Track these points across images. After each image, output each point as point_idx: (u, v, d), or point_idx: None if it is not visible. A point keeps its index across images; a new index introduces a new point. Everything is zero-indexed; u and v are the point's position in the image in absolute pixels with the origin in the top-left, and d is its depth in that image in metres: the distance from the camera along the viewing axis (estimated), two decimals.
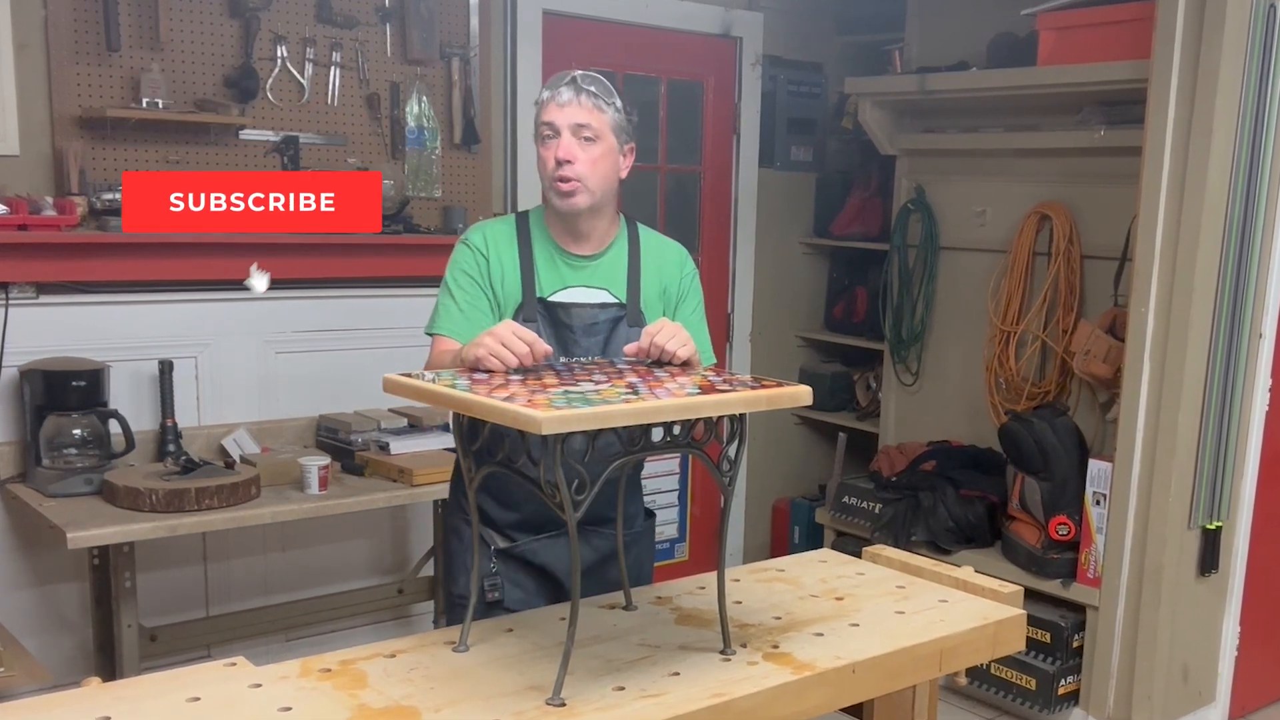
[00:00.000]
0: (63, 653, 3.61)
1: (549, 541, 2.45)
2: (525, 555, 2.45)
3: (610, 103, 2.36)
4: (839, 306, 5.45)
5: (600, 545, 2.44)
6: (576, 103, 2.32)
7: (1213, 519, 3.81)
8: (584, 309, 2.40)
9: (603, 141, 2.35)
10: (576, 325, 2.39)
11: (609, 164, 2.38)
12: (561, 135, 2.32)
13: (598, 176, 2.35)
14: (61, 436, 3.41)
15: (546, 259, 2.43)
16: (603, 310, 2.42)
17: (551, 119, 2.33)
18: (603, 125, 2.34)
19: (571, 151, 2.32)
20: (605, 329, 2.41)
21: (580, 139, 2.33)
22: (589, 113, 2.32)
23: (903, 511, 4.35)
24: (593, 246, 2.45)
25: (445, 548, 2.63)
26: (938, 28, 4.78)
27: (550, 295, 2.41)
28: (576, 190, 2.34)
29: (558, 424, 1.62)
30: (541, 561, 2.45)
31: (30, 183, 3.43)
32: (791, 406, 1.89)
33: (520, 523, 2.45)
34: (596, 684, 1.78)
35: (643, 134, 4.85)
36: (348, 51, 3.93)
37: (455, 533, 2.54)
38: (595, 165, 2.34)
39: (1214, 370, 3.68)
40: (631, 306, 2.44)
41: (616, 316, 2.43)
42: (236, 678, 1.78)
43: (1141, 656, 3.77)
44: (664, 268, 2.51)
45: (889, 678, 2.00)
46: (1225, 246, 3.61)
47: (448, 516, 2.61)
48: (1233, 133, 3.55)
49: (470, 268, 2.41)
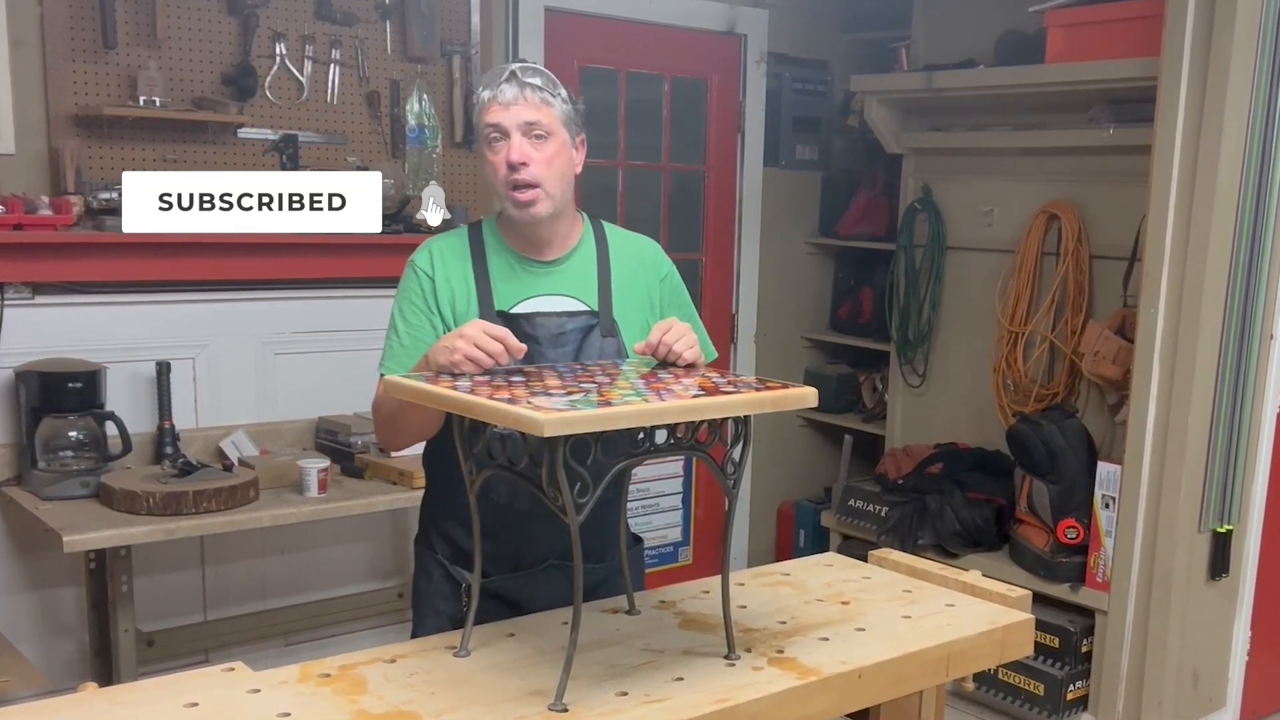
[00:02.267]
0: (59, 658, 3.60)
1: (522, 579, 2.29)
2: (498, 592, 2.26)
3: (556, 94, 2.18)
4: (845, 307, 5.45)
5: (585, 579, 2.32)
6: (522, 99, 2.14)
7: (1223, 522, 3.79)
8: (549, 318, 2.23)
9: (555, 137, 2.17)
10: (542, 336, 2.21)
11: (564, 161, 2.20)
12: (511, 136, 2.14)
13: (555, 177, 2.18)
14: (58, 439, 3.40)
15: (505, 269, 2.27)
16: (571, 319, 2.24)
17: (497, 120, 2.15)
18: (552, 120, 2.16)
19: (525, 153, 2.14)
20: (575, 339, 2.24)
21: (531, 138, 2.15)
22: (536, 108, 2.15)
23: (909, 515, 4.34)
24: (555, 251, 2.28)
25: (414, 588, 2.41)
26: (945, 25, 4.77)
27: (512, 308, 2.24)
28: (536, 199, 2.17)
29: (560, 426, 1.60)
30: (515, 599, 2.27)
31: (26, 182, 3.41)
32: (797, 408, 1.88)
33: (494, 558, 2.25)
34: (599, 689, 1.76)
35: (646, 132, 4.87)
36: (347, 49, 3.91)
37: (424, 572, 2.36)
38: (551, 164, 2.17)
39: (1224, 372, 3.66)
40: (604, 314, 2.28)
41: (587, 325, 2.25)
42: (235, 683, 1.77)
43: (1151, 661, 3.75)
44: (638, 273, 2.35)
45: (895, 683, 1.99)
46: (1236, 246, 3.59)
47: (417, 551, 2.40)
48: (1244, 131, 3.52)
49: (414, 295, 2.25)
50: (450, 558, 2.31)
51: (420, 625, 2.35)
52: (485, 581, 2.25)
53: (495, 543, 2.23)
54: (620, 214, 4.76)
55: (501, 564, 2.28)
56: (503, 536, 2.24)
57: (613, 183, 4.80)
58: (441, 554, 2.33)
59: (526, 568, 2.30)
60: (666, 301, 2.38)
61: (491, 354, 1.92)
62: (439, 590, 2.32)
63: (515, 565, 2.30)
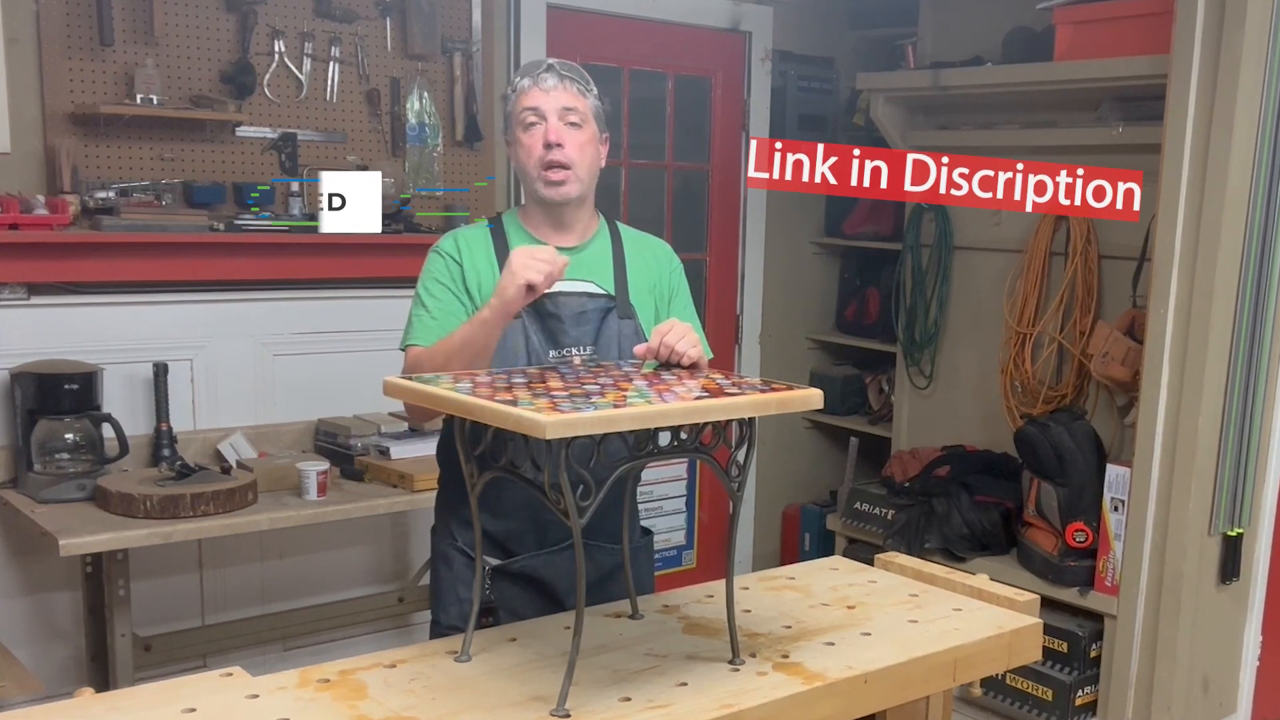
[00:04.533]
0: (55, 663, 3.59)
1: (550, 556, 2.36)
2: (524, 572, 2.35)
3: (590, 90, 2.34)
4: (850, 308, 5.43)
5: (602, 561, 2.35)
6: (561, 87, 2.29)
7: (1234, 525, 3.76)
8: (571, 298, 2.33)
9: (588, 127, 2.32)
10: (565, 315, 2.32)
11: (594, 151, 2.35)
12: (548, 119, 2.28)
13: (586, 163, 2.32)
14: (53, 441, 3.38)
15: None
16: (591, 300, 2.36)
17: (536, 104, 2.29)
18: (587, 111, 2.32)
19: (561, 134, 2.28)
20: (595, 318, 2.34)
21: (567, 124, 2.29)
22: (574, 97, 2.30)
23: (916, 518, 4.32)
24: (575, 238, 2.39)
25: (434, 575, 2.51)
26: (952, 22, 4.75)
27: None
28: (567, 179, 2.30)
29: (562, 428, 1.59)
30: (542, 577, 2.36)
31: (22, 181, 3.40)
32: (802, 410, 1.88)
33: (517, 536, 2.35)
34: (602, 695, 1.76)
35: (649, 131, 4.87)
36: (347, 46, 3.90)
37: (444, 560, 2.43)
38: (583, 150, 2.31)
39: (1235, 373, 3.63)
40: (620, 298, 2.38)
41: (606, 307, 2.36)
42: (233, 688, 1.76)
43: (1161, 666, 3.73)
44: (650, 264, 2.46)
45: (901, 688, 1.98)
46: (1247, 245, 3.57)
47: (435, 541, 2.48)
48: (1255, 129, 3.49)
49: (442, 275, 2.36)
50: (470, 544, 2.31)
51: (444, 614, 2.41)
52: (509, 562, 2.35)
53: (518, 520, 2.34)
54: (624, 214, 4.74)
55: (526, 542, 2.36)
56: (525, 514, 2.32)
57: (616, 182, 4.77)
58: (462, 541, 2.38)
59: (552, 545, 2.35)
60: (673, 293, 2.47)
61: (545, 259, 2.08)
62: (460, 577, 2.37)
63: (540, 543, 2.36)
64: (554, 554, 2.35)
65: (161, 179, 3.57)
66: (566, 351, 2.32)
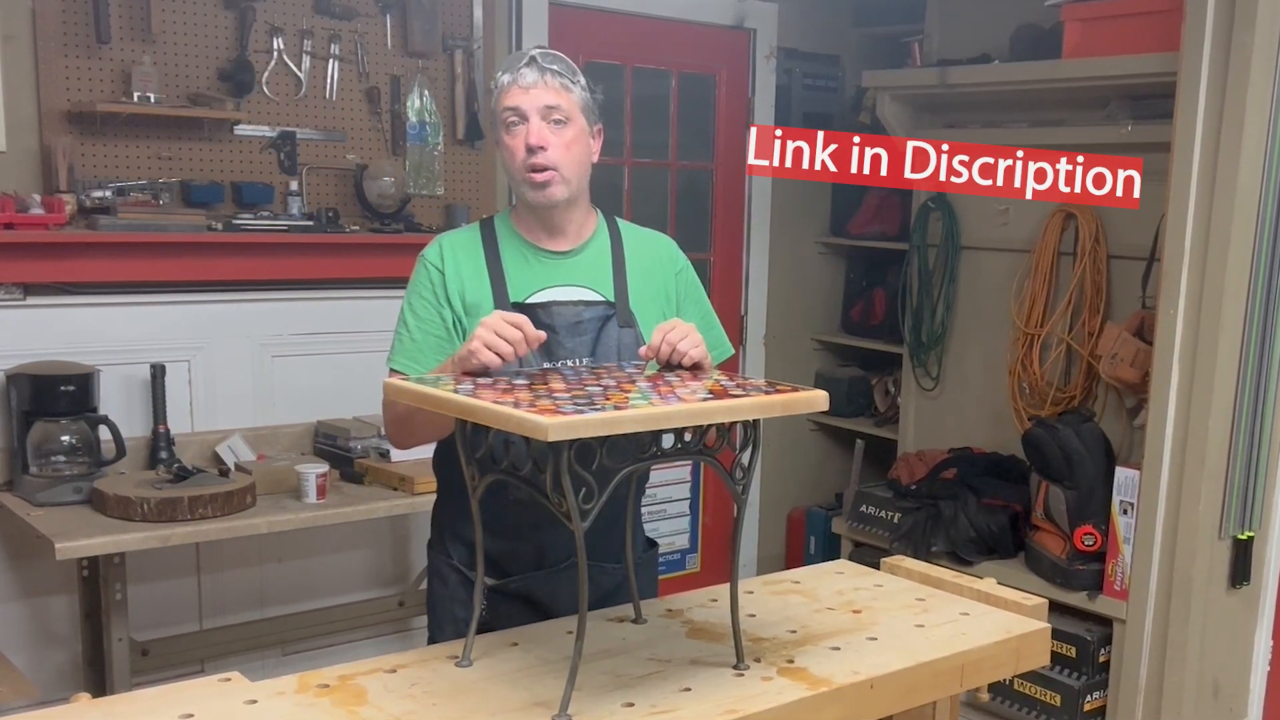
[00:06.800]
0: (51, 668, 3.58)
1: (547, 576, 2.29)
2: (521, 591, 2.28)
3: (576, 81, 2.20)
4: (856, 308, 5.42)
5: (602, 581, 2.29)
6: (541, 83, 2.16)
7: (1244, 529, 3.74)
8: (566, 307, 2.23)
9: (573, 124, 2.19)
10: (559, 325, 2.20)
11: (582, 148, 2.22)
12: (530, 120, 2.16)
13: (572, 163, 2.20)
14: (50, 443, 3.37)
15: (519, 260, 2.27)
16: (588, 308, 2.25)
17: (516, 103, 2.16)
18: (571, 106, 2.19)
19: (543, 136, 2.16)
20: (592, 328, 2.23)
21: (550, 123, 2.17)
22: (556, 93, 2.17)
23: (922, 521, 4.30)
24: (570, 241, 2.29)
25: (429, 594, 2.42)
26: (959, 19, 4.74)
27: (527, 298, 2.23)
28: (552, 180, 2.18)
29: (564, 430, 1.57)
30: (538, 598, 2.28)
31: (17, 180, 3.39)
32: (807, 412, 1.86)
33: (514, 557, 2.28)
34: (605, 700, 1.74)
35: (653, 129, 4.86)
36: (346, 44, 3.89)
37: (439, 577, 2.35)
38: (569, 150, 2.19)
39: (1245, 374, 3.61)
40: (620, 305, 2.28)
41: (604, 315, 2.25)
42: (231, 694, 1.75)
43: (1170, 671, 3.70)
44: (654, 266, 2.35)
45: (908, 693, 1.96)
46: (1257, 245, 3.54)
47: (431, 557, 2.40)
48: (1265, 127, 3.47)
49: (424, 288, 2.26)
50: (466, 562, 2.29)
51: (439, 631, 2.35)
52: (506, 581, 2.27)
53: (516, 541, 2.26)
54: (626, 213, 4.72)
55: (524, 562, 2.28)
56: (524, 534, 2.25)
57: (618, 181, 4.76)
58: (458, 559, 2.32)
59: (550, 565, 2.29)
60: (683, 296, 2.37)
61: (511, 341, 1.89)
62: (455, 596, 2.31)
63: (538, 563, 2.29)
64: (551, 574, 2.29)
65: (159, 178, 3.57)
66: (562, 364, 2.21)
